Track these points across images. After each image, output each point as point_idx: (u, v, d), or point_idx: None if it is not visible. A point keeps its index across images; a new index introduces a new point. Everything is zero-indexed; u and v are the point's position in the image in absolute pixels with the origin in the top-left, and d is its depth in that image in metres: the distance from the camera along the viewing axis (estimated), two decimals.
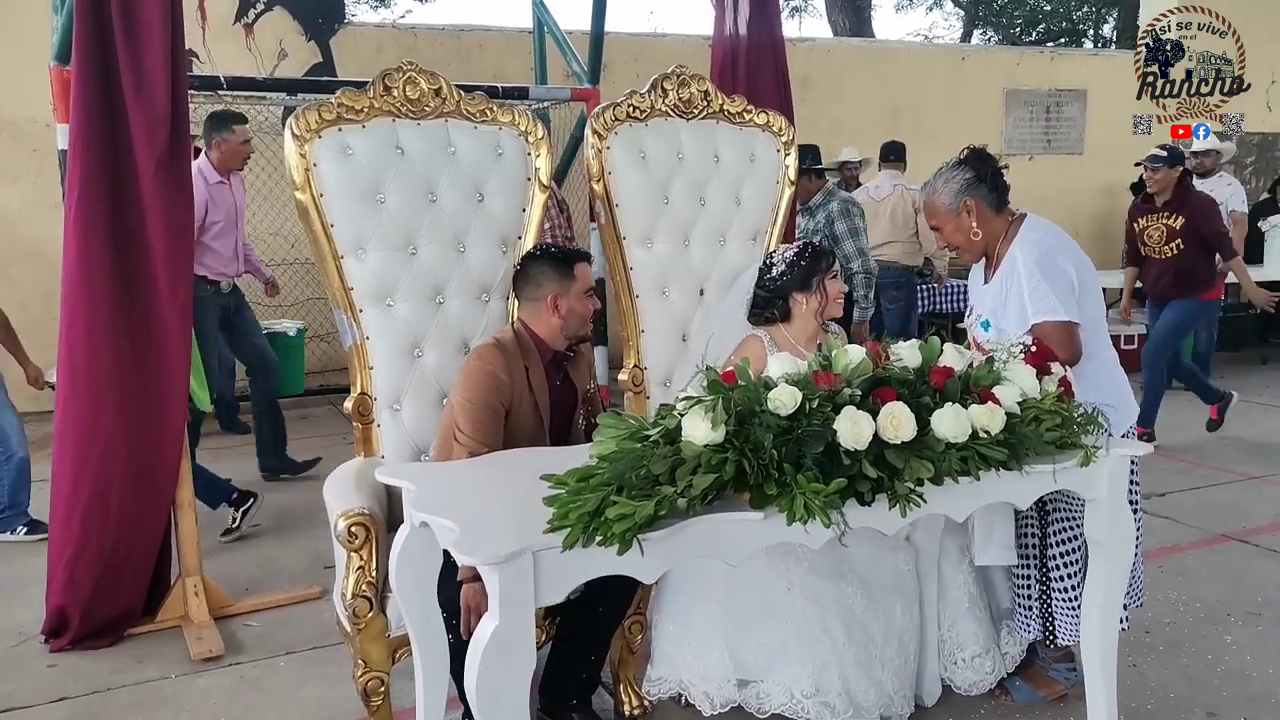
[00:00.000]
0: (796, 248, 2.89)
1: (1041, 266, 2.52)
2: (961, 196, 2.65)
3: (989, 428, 1.87)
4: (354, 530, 2.35)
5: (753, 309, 2.89)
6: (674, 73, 3.19)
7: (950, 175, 2.68)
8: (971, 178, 2.65)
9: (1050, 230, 2.66)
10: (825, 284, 2.82)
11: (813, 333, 2.83)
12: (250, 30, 7.43)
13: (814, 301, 2.80)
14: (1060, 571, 2.68)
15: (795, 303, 2.82)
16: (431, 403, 2.85)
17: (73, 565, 3.23)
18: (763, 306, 2.86)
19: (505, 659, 1.61)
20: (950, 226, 2.70)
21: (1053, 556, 2.69)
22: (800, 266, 2.82)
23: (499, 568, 1.59)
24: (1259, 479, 5.06)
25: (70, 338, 3.18)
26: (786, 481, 1.70)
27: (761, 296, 2.86)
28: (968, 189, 2.65)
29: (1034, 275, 2.51)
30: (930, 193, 2.73)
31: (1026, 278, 2.53)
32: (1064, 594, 2.67)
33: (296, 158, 2.66)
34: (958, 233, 2.69)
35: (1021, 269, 2.55)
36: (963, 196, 2.65)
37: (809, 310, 2.80)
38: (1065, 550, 2.67)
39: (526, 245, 2.98)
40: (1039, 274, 2.51)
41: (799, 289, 2.81)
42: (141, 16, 3.15)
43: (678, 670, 2.57)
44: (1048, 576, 2.71)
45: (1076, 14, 18.61)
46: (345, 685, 2.97)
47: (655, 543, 1.67)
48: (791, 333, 2.82)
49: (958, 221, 2.68)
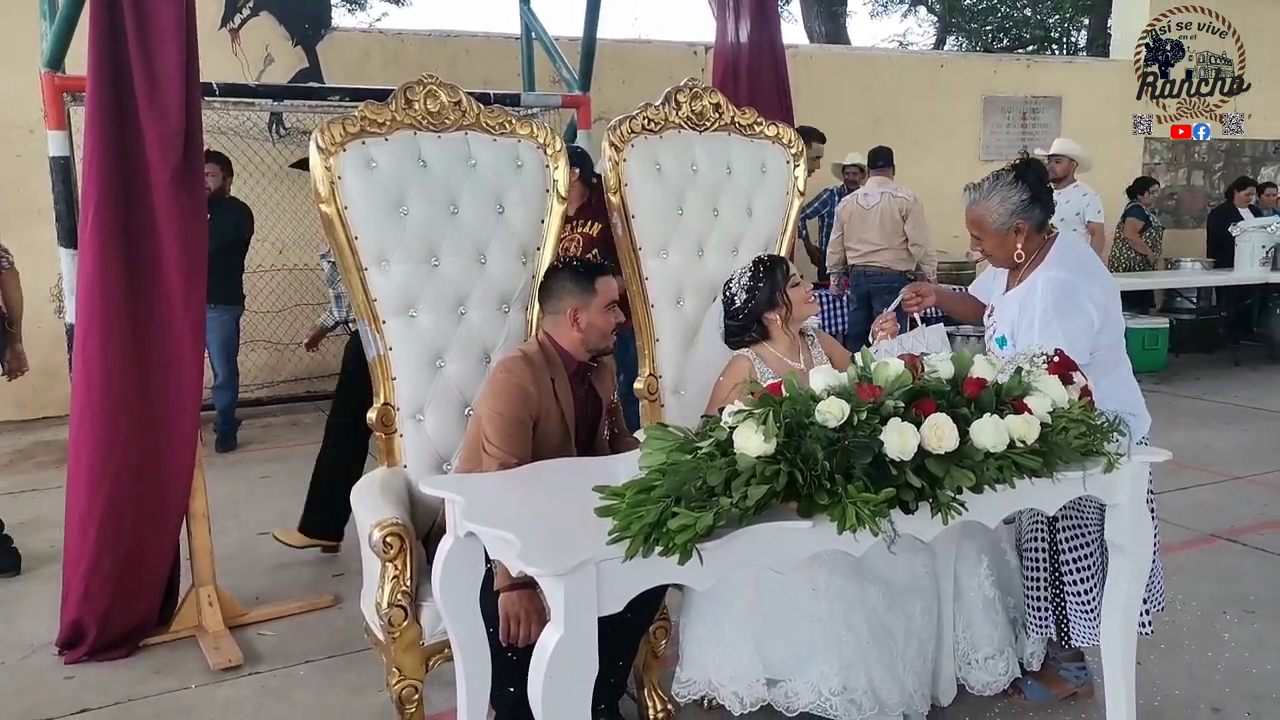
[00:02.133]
0: (749, 270, 2.91)
1: (1059, 308, 2.52)
2: (1015, 218, 2.62)
3: (1025, 437, 1.94)
4: (389, 540, 2.38)
5: (730, 337, 2.95)
6: (687, 85, 3.24)
7: (1007, 194, 2.62)
8: (1027, 200, 2.61)
9: (1077, 263, 2.65)
10: (788, 294, 2.86)
11: (792, 340, 2.89)
12: (236, 36, 7.40)
13: (783, 314, 2.86)
14: (1074, 576, 2.75)
15: (770, 321, 2.88)
16: (454, 413, 2.88)
17: (89, 577, 3.22)
18: (740, 334, 2.92)
19: (569, 668, 1.65)
20: (994, 243, 2.67)
21: (1065, 562, 2.76)
22: (760, 289, 2.86)
23: (564, 578, 1.62)
24: (1241, 479, 5.20)
25: (85, 352, 3.18)
26: (837, 491, 1.76)
27: (735, 326, 2.92)
28: (1022, 211, 2.62)
29: (1048, 314, 2.52)
30: (981, 204, 2.67)
31: (1041, 314, 2.53)
32: (1078, 598, 2.75)
33: (322, 171, 2.68)
34: (1000, 249, 2.67)
35: (1039, 305, 2.55)
36: (1016, 219, 2.62)
37: (782, 323, 2.87)
38: (1078, 556, 2.74)
39: (545, 256, 3.03)
40: (1054, 314, 2.52)
41: (768, 309, 2.86)
42: (155, 27, 3.15)
43: (706, 672, 2.62)
44: (1060, 581, 2.78)
45: (1049, 21, 18.88)
46: (368, 693, 3.01)
47: (710, 551, 1.72)
48: (774, 347, 2.88)
49: (1003, 240, 2.65)
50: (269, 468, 5.74)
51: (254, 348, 7.25)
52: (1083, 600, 2.75)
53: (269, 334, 7.45)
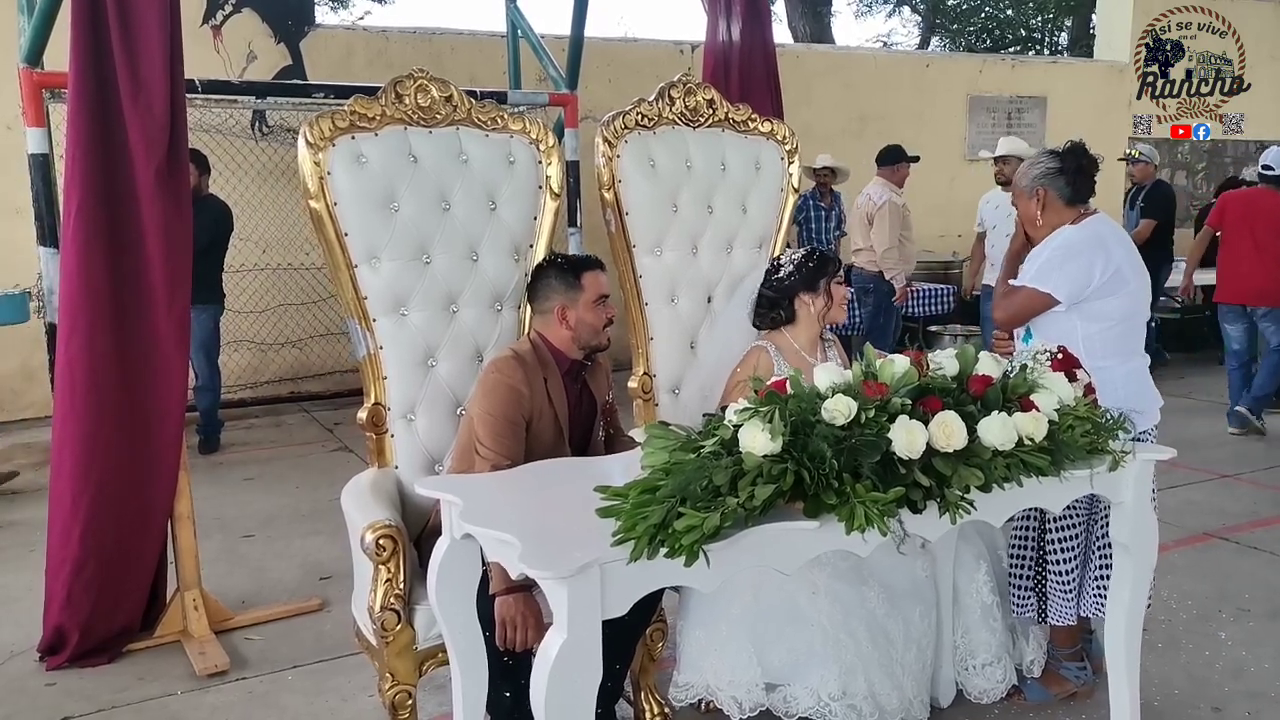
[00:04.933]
0: (804, 251, 2.93)
1: (1068, 247, 2.71)
2: (1038, 183, 2.80)
3: (1033, 435, 1.91)
4: (382, 543, 2.33)
5: (758, 310, 2.92)
6: (680, 81, 3.20)
7: (1037, 160, 2.85)
8: (1054, 169, 2.79)
9: (1111, 227, 2.80)
10: (831, 287, 2.85)
11: (815, 336, 2.87)
12: (218, 32, 7.30)
13: (819, 304, 2.84)
14: (1058, 556, 2.80)
15: (801, 304, 2.85)
16: (445, 413, 2.83)
17: (71, 582, 3.16)
18: (768, 307, 2.89)
19: (573, 673, 1.61)
20: (1023, 205, 2.87)
21: (1051, 542, 2.81)
22: (808, 269, 2.85)
23: (568, 581, 1.58)
24: (1230, 477, 5.21)
25: (69, 352, 3.11)
26: (845, 491, 1.72)
27: (768, 297, 2.89)
28: (1045, 177, 2.79)
29: (1056, 251, 2.72)
30: (1021, 168, 2.91)
31: (1050, 248, 2.74)
32: (1059, 577, 2.80)
33: (311, 165, 2.62)
34: (1025, 211, 2.87)
35: (1053, 242, 2.74)
36: (1038, 184, 2.80)
37: (814, 313, 2.84)
38: (1064, 536, 2.79)
39: (538, 253, 2.98)
40: (1061, 253, 2.71)
41: (805, 290, 2.84)
42: (139, 21, 3.09)
43: (705, 676, 2.58)
44: (1044, 559, 2.83)
45: (1032, 22, 18.97)
46: (358, 698, 2.95)
47: (716, 552, 1.68)
48: (795, 336, 2.85)
49: (1028, 204, 2.84)
50: (252, 470, 5.66)
51: (237, 348, 7.16)
52: (1063, 580, 2.79)
53: (252, 334, 7.36)
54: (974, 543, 2.78)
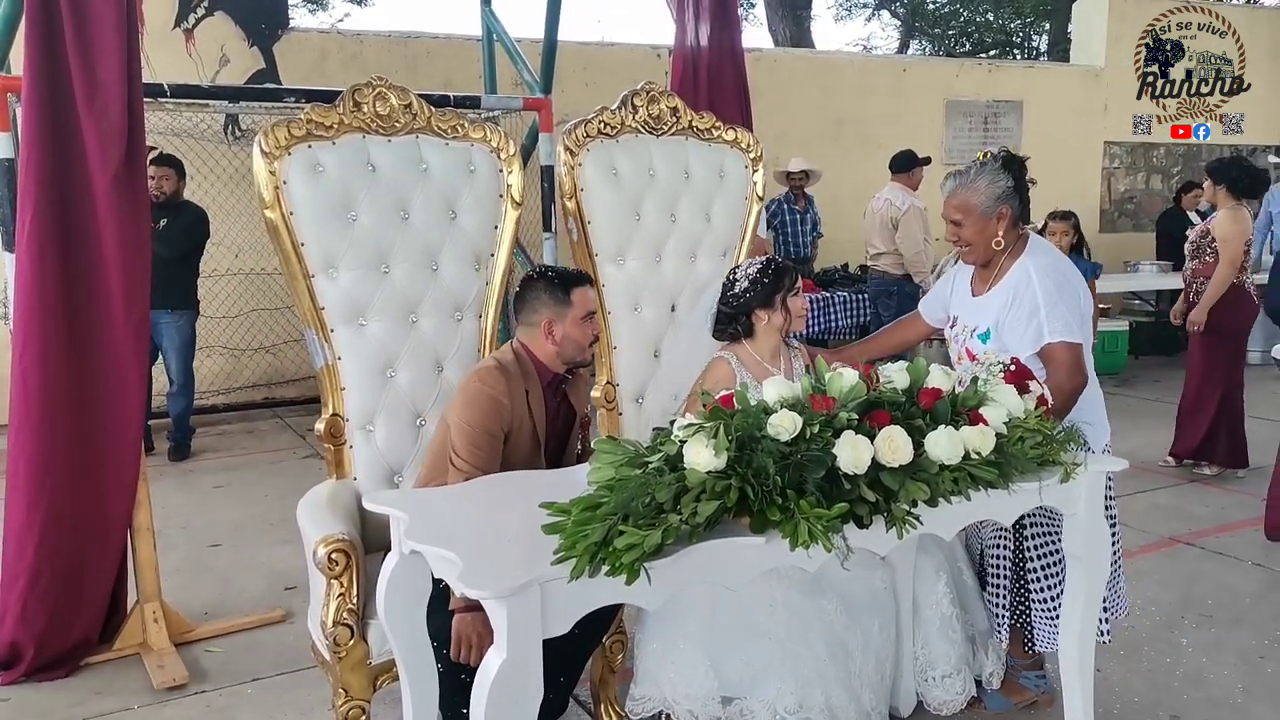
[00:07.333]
0: (759, 264, 2.86)
1: (1059, 290, 2.55)
2: (1000, 203, 2.61)
3: (980, 449, 1.91)
4: (334, 557, 2.31)
5: (716, 324, 2.89)
6: (643, 89, 3.19)
7: (995, 178, 2.62)
8: (1012, 187, 2.62)
9: (1059, 255, 2.73)
10: (788, 301, 2.81)
11: (775, 347, 2.84)
12: (190, 36, 7.25)
13: (777, 318, 2.80)
14: (1040, 584, 2.74)
15: (758, 319, 2.81)
16: (405, 424, 2.82)
17: (26, 595, 3.11)
18: (726, 323, 2.85)
19: (513, 692, 1.59)
20: (976, 227, 2.64)
21: (1032, 570, 2.76)
22: (763, 284, 2.79)
23: (507, 601, 1.57)
24: (1198, 482, 5.23)
25: (24, 361, 3.06)
26: (789, 506, 1.71)
27: (725, 313, 2.85)
28: (1007, 197, 2.62)
29: (1052, 296, 2.54)
30: (969, 186, 2.64)
31: (1044, 298, 2.54)
32: (1044, 605, 2.75)
33: (266, 175, 2.60)
34: (980, 235, 2.64)
35: (1039, 289, 2.55)
36: (1001, 204, 2.61)
37: (771, 326, 2.81)
38: (1046, 564, 2.74)
39: (500, 263, 2.97)
40: (1057, 296, 2.54)
41: (762, 306, 2.80)
42: (94, 25, 3.05)
43: (661, 688, 2.56)
44: (1026, 588, 2.77)
45: (1010, 27, 19.06)
46: (316, 713, 2.93)
47: (660, 570, 1.67)
48: (755, 349, 2.83)
49: (985, 224, 2.63)
50: (223, 477, 5.62)
51: (210, 353, 7.11)
52: (1048, 607, 2.74)
53: (225, 339, 7.31)
54: (934, 555, 2.77)
